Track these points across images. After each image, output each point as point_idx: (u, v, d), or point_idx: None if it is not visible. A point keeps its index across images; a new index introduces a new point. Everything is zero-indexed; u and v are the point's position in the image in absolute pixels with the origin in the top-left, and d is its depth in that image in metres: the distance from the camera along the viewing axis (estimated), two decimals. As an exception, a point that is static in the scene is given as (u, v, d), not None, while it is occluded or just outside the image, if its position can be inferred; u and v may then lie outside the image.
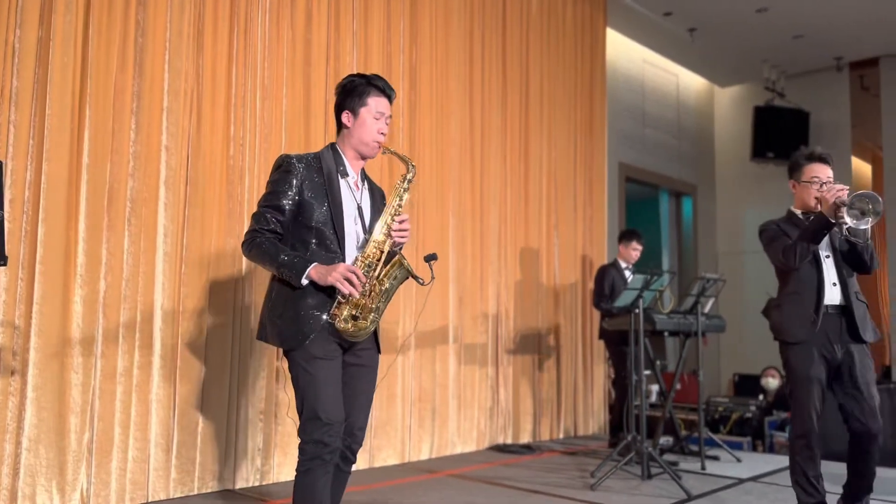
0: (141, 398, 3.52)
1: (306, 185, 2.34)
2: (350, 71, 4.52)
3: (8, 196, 3.13)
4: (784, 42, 7.90)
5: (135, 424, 3.49)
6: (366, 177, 2.54)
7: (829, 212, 2.90)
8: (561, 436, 5.97)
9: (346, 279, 2.21)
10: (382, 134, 2.43)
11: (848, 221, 2.81)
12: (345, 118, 2.43)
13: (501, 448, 5.30)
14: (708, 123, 9.42)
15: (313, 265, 2.25)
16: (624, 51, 7.95)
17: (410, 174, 2.41)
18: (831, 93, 8.67)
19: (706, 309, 5.08)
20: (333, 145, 2.48)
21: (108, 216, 3.46)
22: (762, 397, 6.71)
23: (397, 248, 2.41)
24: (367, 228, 2.41)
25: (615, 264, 5.50)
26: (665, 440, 5.43)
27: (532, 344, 5.81)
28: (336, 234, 2.34)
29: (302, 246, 2.34)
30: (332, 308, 2.28)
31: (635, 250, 5.50)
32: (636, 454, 4.39)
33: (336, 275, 2.21)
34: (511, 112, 5.79)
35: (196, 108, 3.82)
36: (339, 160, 2.44)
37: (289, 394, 3.98)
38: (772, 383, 6.82)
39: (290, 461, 2.59)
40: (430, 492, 3.93)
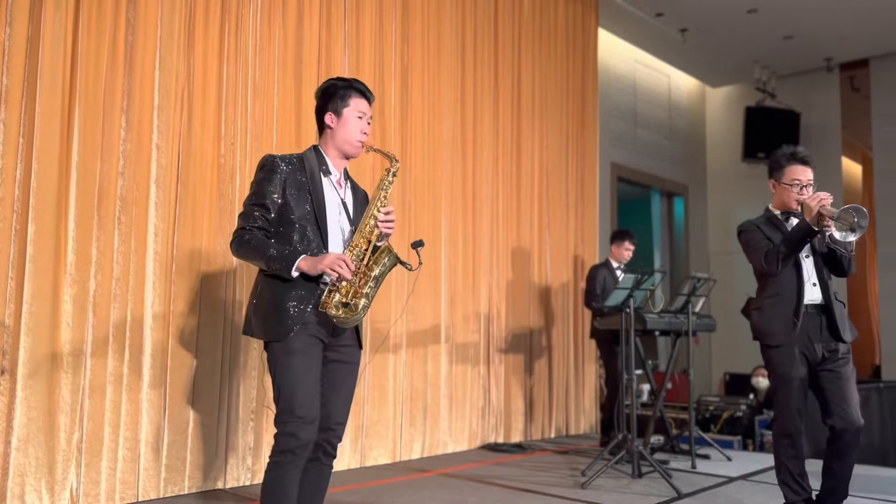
0: (131, 397, 3.51)
1: (290, 184, 2.40)
2: (342, 70, 4.53)
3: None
4: (775, 43, 7.95)
5: (125, 424, 3.48)
6: (349, 177, 2.60)
7: (813, 220, 2.90)
8: (552, 435, 5.99)
9: (337, 266, 2.27)
10: (365, 133, 2.50)
11: (836, 235, 2.82)
12: (328, 119, 2.50)
13: (493, 447, 5.31)
14: (699, 124, 9.46)
15: (302, 256, 2.30)
16: (616, 51, 7.97)
17: (394, 168, 2.48)
18: (822, 94, 8.72)
19: (697, 308, 5.10)
20: (316, 147, 2.55)
21: (98, 215, 3.45)
22: (753, 396, 6.74)
23: (383, 241, 2.46)
24: (352, 222, 2.49)
25: (607, 264, 5.51)
26: (656, 439, 5.45)
27: (523, 343, 5.82)
28: (319, 230, 2.40)
29: (286, 243, 2.38)
30: (323, 296, 2.33)
31: (627, 250, 5.52)
32: (627, 453, 4.40)
33: (326, 262, 2.27)
34: (503, 112, 5.80)
35: (187, 107, 3.82)
36: (322, 160, 2.50)
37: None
38: (762, 382, 6.84)
39: (281, 460, 2.59)
40: (422, 491, 3.93)
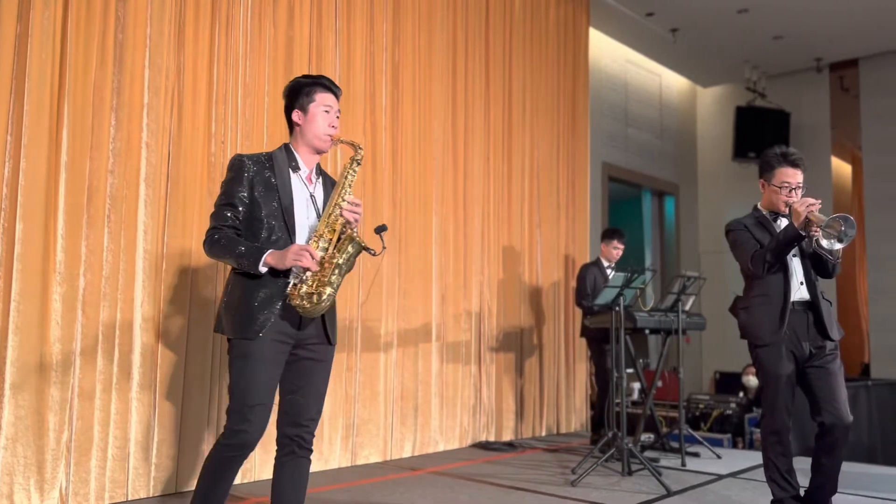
0: (121, 396, 3.50)
1: (257, 182, 2.41)
2: (333, 69, 4.53)
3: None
4: (765, 43, 7.98)
5: (114, 423, 3.47)
6: (321, 172, 2.60)
7: (801, 225, 2.92)
8: (543, 433, 6.00)
9: (301, 256, 2.28)
10: (333, 127, 2.50)
11: (823, 243, 2.85)
12: (296, 117, 2.50)
13: (484, 445, 5.32)
14: (690, 123, 9.50)
15: (269, 251, 2.32)
16: (607, 51, 7.99)
17: (358, 155, 2.48)
18: (812, 93, 8.77)
19: (687, 307, 5.12)
20: (287, 145, 2.55)
21: (88, 213, 3.44)
22: (743, 395, 6.77)
23: (352, 229, 2.43)
24: (320, 214, 2.49)
25: (597, 263, 5.52)
26: (646, 437, 5.47)
27: (514, 342, 5.83)
28: (286, 226, 2.41)
29: (255, 240, 2.40)
30: (289, 289, 2.34)
31: (617, 249, 5.53)
32: (617, 451, 4.42)
33: (291, 255, 2.29)
34: (494, 111, 5.80)
35: (177, 105, 3.80)
36: (292, 156, 2.51)
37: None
38: (752, 381, 6.86)
39: (271, 459, 2.59)
40: (413, 489, 3.94)
